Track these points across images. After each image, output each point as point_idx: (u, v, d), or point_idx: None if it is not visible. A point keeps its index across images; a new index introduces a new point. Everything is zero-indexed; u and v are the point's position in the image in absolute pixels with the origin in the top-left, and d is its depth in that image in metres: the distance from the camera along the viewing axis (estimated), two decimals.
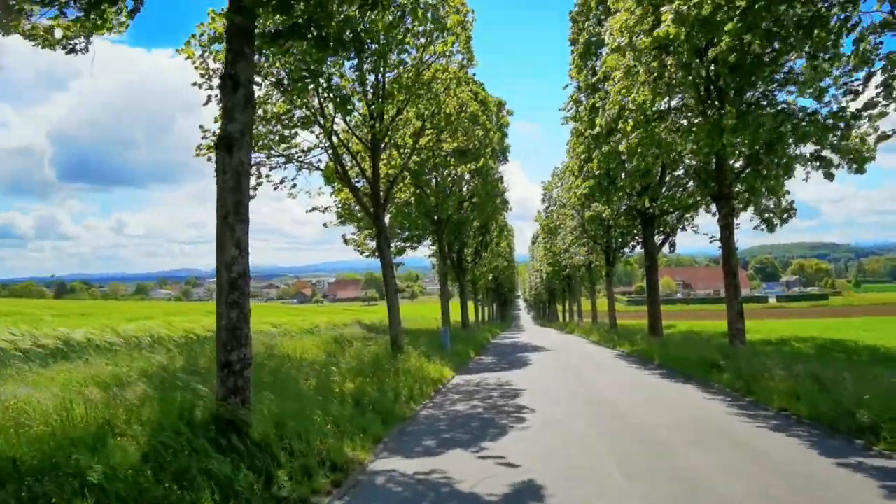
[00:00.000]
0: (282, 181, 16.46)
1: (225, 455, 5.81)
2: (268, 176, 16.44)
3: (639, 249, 30.59)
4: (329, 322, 30.83)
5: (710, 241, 17.45)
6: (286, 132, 15.34)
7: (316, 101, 15.18)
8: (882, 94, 10.59)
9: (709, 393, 11.67)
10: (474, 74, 21.24)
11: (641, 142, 15.18)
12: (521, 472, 6.26)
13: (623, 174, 20.55)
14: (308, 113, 15.04)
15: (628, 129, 15.12)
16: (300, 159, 16.66)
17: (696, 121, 14.21)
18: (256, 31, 7.84)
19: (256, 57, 12.93)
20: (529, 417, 9.39)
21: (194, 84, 13.91)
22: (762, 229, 20.38)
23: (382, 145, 16.62)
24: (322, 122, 15.20)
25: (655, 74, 14.47)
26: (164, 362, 11.34)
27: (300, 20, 8.07)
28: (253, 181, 16.46)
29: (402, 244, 28.47)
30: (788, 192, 21.88)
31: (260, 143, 15.38)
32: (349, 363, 12.69)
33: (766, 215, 20.63)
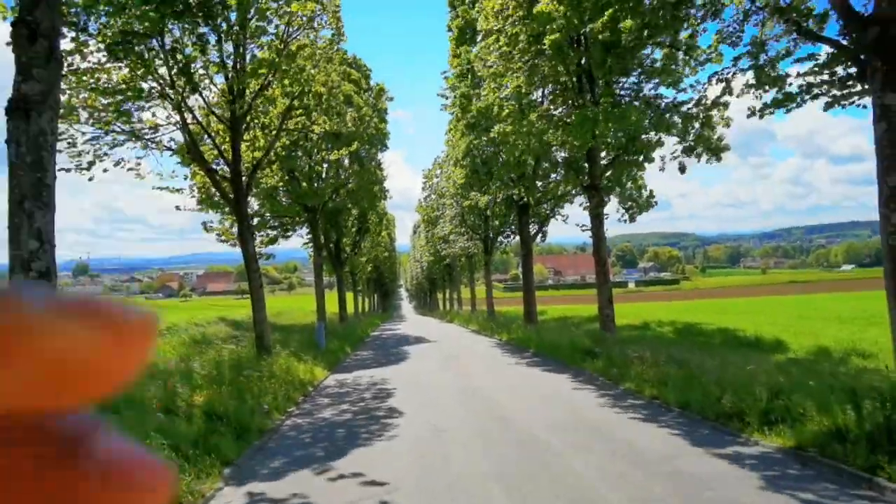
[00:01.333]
0: (117, 163, 14.44)
1: None
2: (105, 154, 14.35)
3: (515, 239, 31.13)
4: (191, 320, 28.29)
5: (583, 231, 17.75)
6: (127, 105, 13.34)
7: (164, 71, 13.39)
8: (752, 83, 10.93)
9: (584, 383, 11.65)
10: (353, 56, 20.13)
11: (514, 130, 14.98)
12: (387, 492, 5.51)
13: (498, 163, 20.43)
14: (155, 85, 13.19)
15: (503, 115, 14.83)
16: (147, 136, 14.70)
17: (569, 112, 14.19)
18: None
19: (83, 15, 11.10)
20: (401, 423, 8.65)
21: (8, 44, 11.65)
22: (625, 220, 21.33)
23: (244, 125, 15.08)
24: (171, 95, 13.41)
25: (530, 62, 14.30)
26: None
27: None
28: (83, 160, 14.34)
29: (273, 233, 26.66)
30: (646, 186, 23.14)
31: (94, 115, 13.30)
32: (204, 369, 11.28)
33: (629, 205, 21.61)
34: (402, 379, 13.31)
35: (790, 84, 8.50)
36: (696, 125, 13.84)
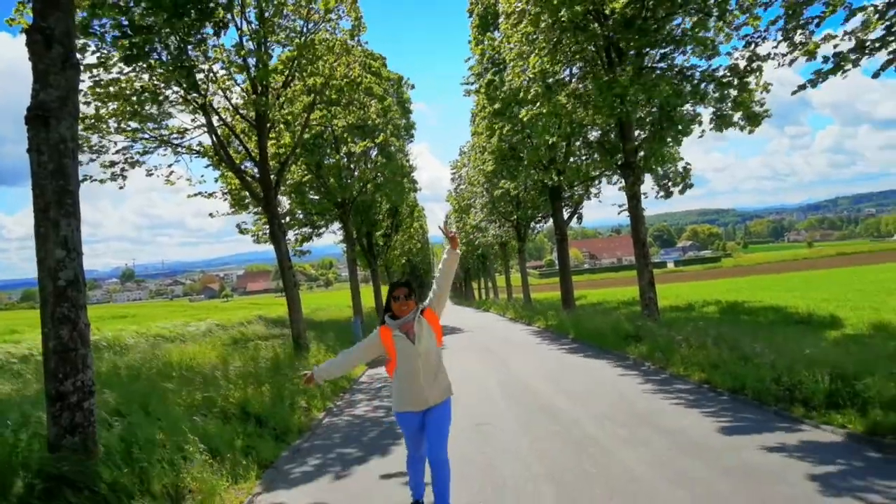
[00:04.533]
0: (147, 172, 14.62)
1: None
2: (137, 162, 14.50)
3: (548, 224, 30.63)
4: (229, 320, 28.69)
5: (619, 213, 17.20)
6: (150, 109, 13.40)
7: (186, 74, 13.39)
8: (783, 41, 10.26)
9: (628, 369, 11.25)
10: (366, 43, 19.91)
11: (543, 112, 14.53)
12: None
13: (528, 148, 19.98)
14: (177, 90, 13.20)
15: (530, 97, 14.40)
16: (176, 142, 14.78)
17: (595, 85, 13.67)
18: None
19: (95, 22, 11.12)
20: None
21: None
22: (661, 196, 20.65)
23: (269, 124, 15.03)
24: (195, 99, 13.41)
25: (555, 39, 13.84)
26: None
27: None
28: (114, 169, 14.50)
29: (307, 230, 26.77)
30: (682, 159, 22.34)
31: (120, 125, 13.43)
32: (242, 369, 11.27)
33: (664, 182, 20.92)
34: None
35: (836, 45, 7.90)
36: (733, 92, 13.17)
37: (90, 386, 5.61)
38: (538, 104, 14.19)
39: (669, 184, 21.07)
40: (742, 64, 11.43)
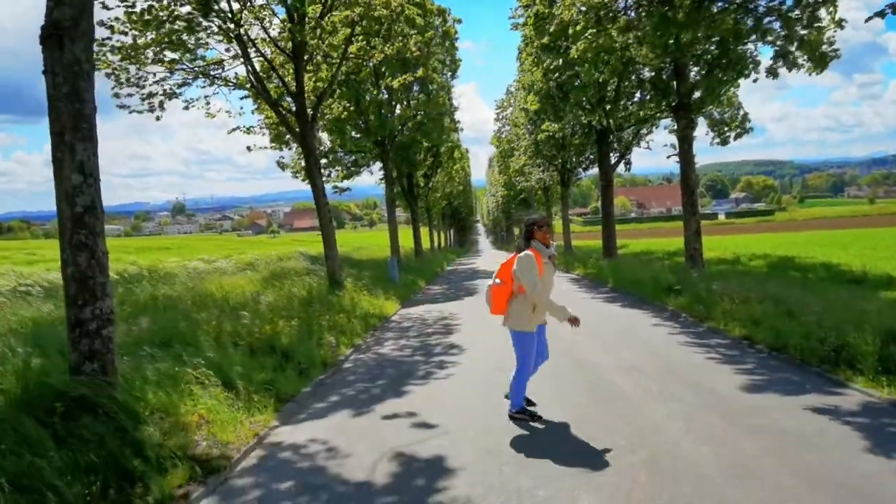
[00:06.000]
0: (186, 105, 14.54)
1: (67, 448, 4.45)
2: (175, 94, 14.39)
3: (593, 170, 29.61)
4: (271, 255, 29.19)
5: (668, 157, 16.35)
6: (188, 39, 13.15)
7: (225, 3, 13.05)
8: None
9: (665, 321, 10.82)
10: None
11: (593, 46, 13.61)
12: (435, 435, 5.16)
13: (576, 86, 19.01)
14: (216, 19, 12.86)
15: (578, 30, 13.49)
16: (212, 73, 14.57)
17: (649, 18, 12.66)
18: None
19: None
20: (465, 361, 8.26)
21: None
22: (716, 143, 19.53)
23: (306, 56, 14.60)
24: (231, 29, 13.07)
25: None
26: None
27: None
28: (154, 100, 14.43)
29: (348, 168, 26.61)
30: (741, 105, 20.95)
31: (157, 55, 13.26)
32: (274, 303, 11.36)
33: (721, 128, 19.73)
34: (471, 313, 12.96)
35: None
36: (801, 31, 12.00)
37: (108, 314, 5.58)
38: (587, 39, 13.28)
39: (726, 129, 19.94)
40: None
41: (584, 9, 13.89)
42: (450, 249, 63.74)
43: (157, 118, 14.61)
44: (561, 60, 17.30)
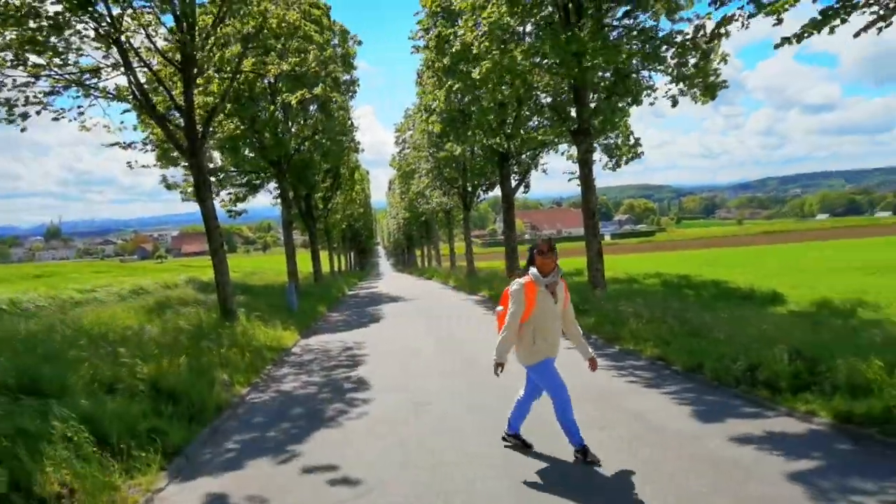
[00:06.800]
0: (55, 116, 13.00)
1: None
2: (40, 103, 12.79)
3: (494, 192, 30.06)
4: (157, 282, 26.90)
5: (569, 180, 16.74)
6: (56, 41, 11.74)
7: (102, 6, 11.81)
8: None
9: None
10: None
11: (496, 68, 13.67)
12: (360, 495, 4.54)
13: (478, 109, 19.12)
14: (90, 20, 11.58)
15: (481, 51, 13.49)
16: (87, 82, 13.12)
17: (553, 43, 12.90)
18: None
19: None
20: (376, 397, 7.63)
21: None
22: (610, 168, 20.41)
23: (196, 69, 13.54)
24: (111, 32, 11.82)
25: None
26: None
27: None
28: (15, 110, 12.79)
29: (241, 189, 25.15)
30: (632, 133, 22.06)
31: (18, 57, 11.73)
32: (159, 337, 10.17)
33: (615, 153, 20.61)
34: (378, 342, 12.35)
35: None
36: (694, 57, 12.67)
37: None
38: (491, 59, 13.30)
39: (619, 154, 20.82)
40: (710, 26, 10.87)
41: (486, 30, 13.96)
42: (350, 273, 62.39)
43: (23, 130, 12.93)
44: (463, 82, 17.33)
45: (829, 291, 14.12)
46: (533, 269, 4.77)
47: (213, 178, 21.83)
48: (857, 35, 6.50)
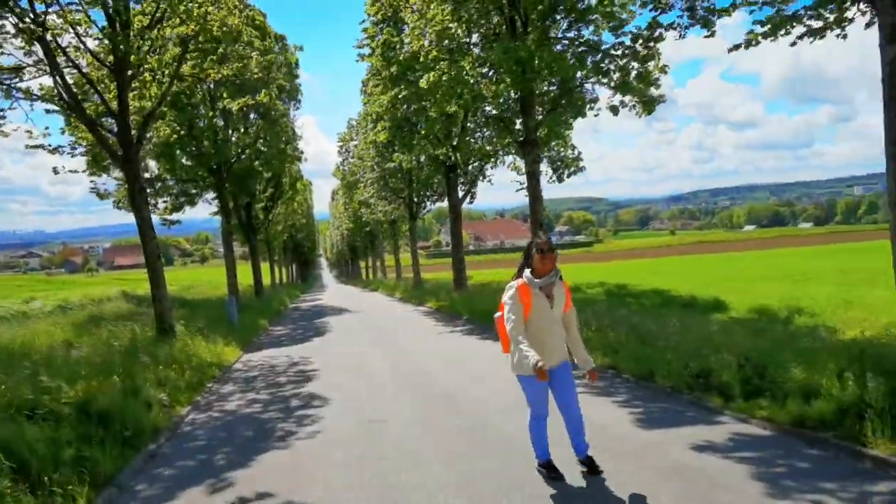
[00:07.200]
0: None
1: None
2: None
3: (441, 203, 30.01)
4: (87, 296, 25.42)
5: (517, 191, 16.85)
6: None
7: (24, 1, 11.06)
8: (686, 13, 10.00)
9: None
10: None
11: (443, 78, 13.61)
12: None
13: (425, 119, 19.04)
14: (9, 14, 10.79)
15: (430, 59, 13.41)
16: (7, 82, 12.23)
17: (499, 49, 12.95)
18: None
19: None
20: (326, 414, 7.30)
21: None
22: (553, 180, 20.72)
23: (131, 72, 12.86)
24: (34, 29, 11.06)
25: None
26: None
27: None
28: None
29: (178, 199, 24.11)
30: (574, 146, 22.50)
31: None
32: (90, 356, 9.50)
33: (559, 165, 20.94)
34: (326, 356, 11.96)
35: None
36: (635, 67, 12.93)
37: None
38: (440, 68, 13.24)
39: (563, 167, 21.16)
40: (645, 34, 11.12)
41: (433, 39, 13.89)
42: (293, 285, 60.99)
43: None
44: (410, 91, 17.22)
45: (764, 299, 14.65)
46: (526, 272, 4.44)
47: (149, 188, 20.83)
48: (793, 44, 6.77)
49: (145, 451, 6.26)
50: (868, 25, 6.13)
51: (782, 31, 6.50)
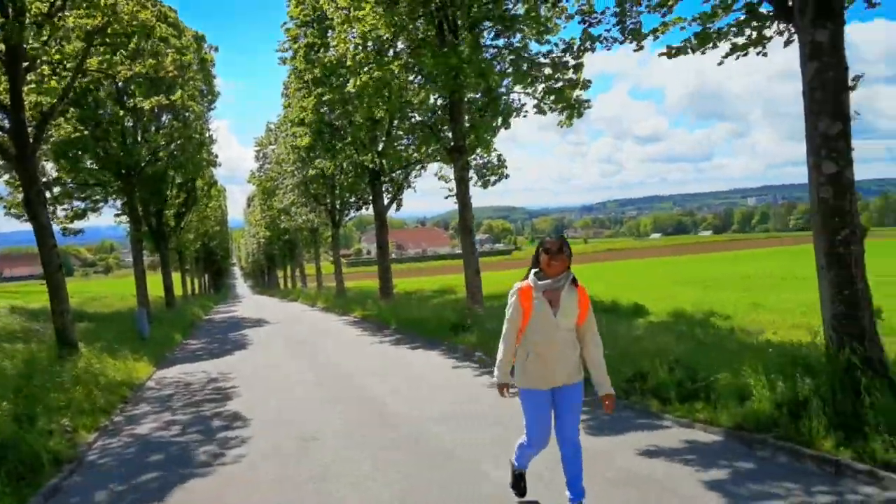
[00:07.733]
0: None
1: None
2: None
3: (365, 211, 29.49)
4: None
5: (446, 197, 16.81)
6: None
7: None
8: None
9: (461, 361, 10.66)
10: None
11: (371, 81, 13.34)
12: None
13: (349, 123, 18.64)
14: None
15: (357, 60, 13.10)
16: None
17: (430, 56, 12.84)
18: None
19: None
20: (253, 434, 6.80)
21: None
22: (479, 185, 20.87)
23: (27, 63, 11.71)
24: None
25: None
26: None
27: None
28: None
29: (81, 205, 22.31)
30: (499, 154, 22.76)
31: None
32: None
33: (483, 171, 21.12)
34: (247, 371, 11.30)
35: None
36: (565, 75, 13.15)
37: None
38: (368, 69, 12.94)
39: (488, 174, 21.33)
40: (576, 45, 11.33)
41: (359, 42, 13.59)
42: (205, 296, 58.20)
43: None
44: (334, 95, 16.79)
45: (679, 303, 15.31)
46: (532, 274, 3.93)
47: (46, 192, 19.12)
48: (720, 63, 7.07)
49: (46, 487, 5.56)
50: (787, 44, 6.44)
51: (710, 45, 6.74)
